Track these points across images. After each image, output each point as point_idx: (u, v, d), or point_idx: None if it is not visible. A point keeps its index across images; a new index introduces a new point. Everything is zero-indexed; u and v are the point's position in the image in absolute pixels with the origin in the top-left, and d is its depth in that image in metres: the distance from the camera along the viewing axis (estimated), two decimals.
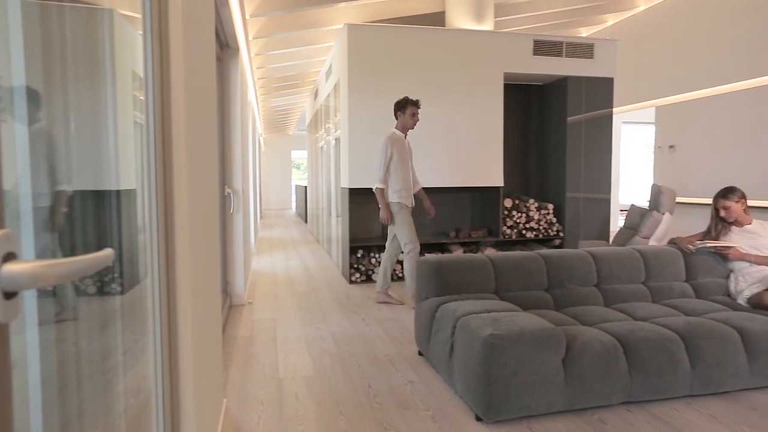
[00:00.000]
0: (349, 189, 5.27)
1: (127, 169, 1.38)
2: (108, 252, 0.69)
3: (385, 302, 4.47)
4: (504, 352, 2.20)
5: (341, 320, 3.98)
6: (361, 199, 5.63)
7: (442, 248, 5.78)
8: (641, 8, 7.80)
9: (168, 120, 1.35)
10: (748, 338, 2.57)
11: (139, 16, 1.27)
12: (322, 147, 8.11)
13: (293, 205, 18.28)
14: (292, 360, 3.12)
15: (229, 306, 4.33)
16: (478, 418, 2.30)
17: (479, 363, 2.23)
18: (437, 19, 6.44)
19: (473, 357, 2.28)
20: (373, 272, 5.44)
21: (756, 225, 3.31)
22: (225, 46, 4.19)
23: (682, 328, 2.56)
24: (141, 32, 1.28)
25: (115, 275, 1.27)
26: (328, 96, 6.82)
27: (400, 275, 5.51)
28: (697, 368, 2.48)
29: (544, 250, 3.34)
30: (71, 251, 1.03)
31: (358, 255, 5.49)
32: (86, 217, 1.14)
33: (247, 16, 5.34)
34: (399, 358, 3.12)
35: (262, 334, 3.66)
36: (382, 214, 4.27)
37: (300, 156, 19.54)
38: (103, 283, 1.21)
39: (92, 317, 1.21)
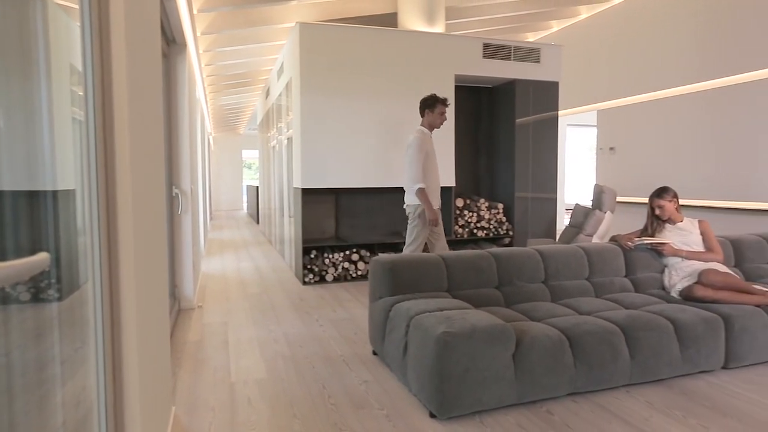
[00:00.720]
0: (302, 189, 5.22)
1: (64, 168, 1.31)
2: (43, 256, 0.66)
3: None
4: (457, 349, 2.24)
5: (294, 321, 3.93)
6: (314, 199, 5.58)
7: (395, 248, 5.82)
8: (583, 16, 8.14)
9: (110, 117, 1.29)
10: (680, 328, 2.73)
11: (76, 6, 1.21)
12: (274, 146, 7.99)
13: (244, 205, 17.91)
14: (245, 363, 3.06)
15: (178, 310, 4.19)
16: (432, 415, 2.33)
17: (433, 360, 2.26)
18: (389, 20, 6.48)
19: (427, 355, 2.31)
20: (326, 272, 5.40)
21: (686, 222, 3.52)
22: (171, 41, 4.05)
23: (623, 321, 2.69)
24: (79, 23, 1.22)
25: (52, 281, 1.21)
26: (280, 95, 6.73)
27: (354, 276, 5.51)
28: (635, 358, 2.61)
29: (495, 249, 3.42)
30: (1, 256, 0.97)
31: (312, 256, 5.44)
32: (18, 220, 1.08)
33: (195, 12, 5.18)
34: (353, 359, 3.11)
35: (213, 337, 3.56)
36: (429, 215, 3.92)
37: (251, 155, 19.17)
38: (38, 289, 1.14)
39: (26, 326, 1.14)
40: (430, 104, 4.09)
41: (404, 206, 4.16)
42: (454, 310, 2.58)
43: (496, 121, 6.30)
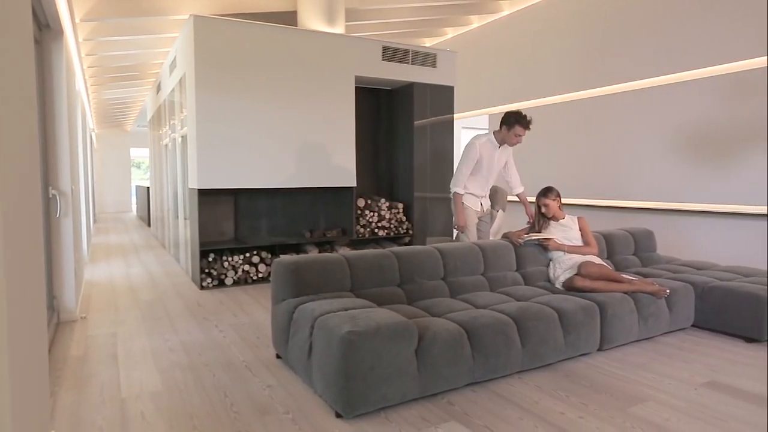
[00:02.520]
0: (198, 190, 4.97)
1: None
2: None
3: None
4: (362, 347, 2.27)
5: (192, 328, 3.74)
6: (211, 200, 5.35)
7: (297, 249, 5.75)
8: (475, 25, 8.61)
9: None
10: (563, 316, 3.00)
11: None
12: (166, 145, 7.52)
13: (134, 207, 16.66)
14: (137, 376, 2.85)
15: (57, 323, 3.80)
16: (338, 415, 2.34)
17: (338, 360, 2.27)
18: (288, 18, 6.38)
19: (332, 355, 2.32)
20: (226, 276, 5.20)
21: (568, 219, 3.88)
22: (45, 26, 3.66)
23: (515, 313, 2.89)
24: None
25: None
26: (173, 90, 6.35)
27: (255, 278, 5.36)
28: (526, 347, 2.82)
29: (396, 248, 3.51)
30: None
31: (210, 259, 5.20)
32: None
33: None
34: (256, 363, 3.03)
35: (100, 351, 3.28)
36: (456, 220, 4.14)
37: (141, 154, 17.87)
38: None
39: None
40: (510, 122, 4.06)
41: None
42: (358, 309, 2.61)
43: (396, 123, 6.46)
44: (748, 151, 5.05)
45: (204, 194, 5.07)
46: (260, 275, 5.39)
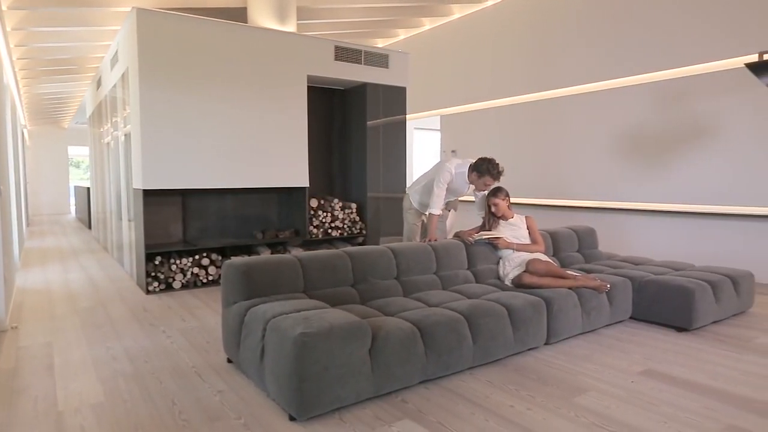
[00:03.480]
0: (144, 190, 4.77)
1: None
2: None
3: None
4: (315, 348, 2.25)
5: (137, 335, 3.59)
6: (157, 201, 5.16)
7: (248, 250, 5.64)
8: (427, 27, 8.73)
9: None
10: (512, 313, 3.08)
11: None
12: (108, 143, 7.19)
13: (72, 208, 15.82)
14: (76, 388, 2.71)
15: None
16: (292, 418, 2.31)
17: (291, 362, 2.24)
18: (238, 14, 6.25)
19: (285, 357, 2.29)
20: (173, 279, 5.03)
21: (517, 218, 4.00)
22: None
23: (466, 310, 2.95)
24: None
25: None
26: (115, 86, 6.07)
27: (204, 281, 5.22)
28: (477, 343, 2.88)
29: (349, 248, 3.51)
30: None
31: (156, 262, 5.01)
32: None
33: None
34: (206, 369, 2.95)
35: (33, 362, 3.09)
36: (430, 235, 4.20)
37: (80, 152, 16.99)
38: None
39: None
40: (481, 171, 4.07)
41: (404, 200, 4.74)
42: (311, 310, 2.59)
43: (349, 123, 6.45)
44: (679, 154, 5.37)
45: (149, 195, 4.88)
46: (210, 278, 5.25)
